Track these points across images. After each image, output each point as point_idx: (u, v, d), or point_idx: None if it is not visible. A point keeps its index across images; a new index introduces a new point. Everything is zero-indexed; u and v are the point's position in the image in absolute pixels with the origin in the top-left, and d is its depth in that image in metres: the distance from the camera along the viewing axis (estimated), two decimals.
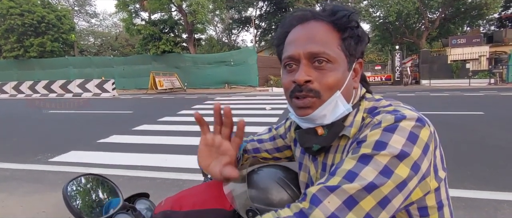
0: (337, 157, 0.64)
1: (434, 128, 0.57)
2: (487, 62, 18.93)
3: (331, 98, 0.61)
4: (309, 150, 0.67)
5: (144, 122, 6.64)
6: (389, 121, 0.54)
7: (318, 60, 0.60)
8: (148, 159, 3.86)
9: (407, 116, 0.54)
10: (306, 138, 0.66)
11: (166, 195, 0.84)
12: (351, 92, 0.65)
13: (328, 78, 0.60)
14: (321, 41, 0.61)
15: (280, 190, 0.74)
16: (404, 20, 23.81)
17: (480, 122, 5.94)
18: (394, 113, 0.56)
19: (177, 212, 0.76)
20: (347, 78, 0.63)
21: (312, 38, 0.61)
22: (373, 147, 0.52)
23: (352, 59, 0.64)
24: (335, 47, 0.61)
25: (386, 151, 0.50)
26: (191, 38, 22.51)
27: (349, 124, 0.64)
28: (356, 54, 0.64)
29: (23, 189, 2.92)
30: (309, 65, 0.61)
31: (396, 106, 0.60)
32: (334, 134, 0.63)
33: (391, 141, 0.51)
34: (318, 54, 0.60)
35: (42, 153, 4.21)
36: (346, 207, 0.48)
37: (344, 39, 0.62)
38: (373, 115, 0.61)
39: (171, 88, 18.81)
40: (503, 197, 2.47)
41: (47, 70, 22.50)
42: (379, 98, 0.67)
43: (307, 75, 0.60)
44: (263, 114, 7.77)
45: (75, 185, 0.77)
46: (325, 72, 0.61)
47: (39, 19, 22.73)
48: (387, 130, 0.53)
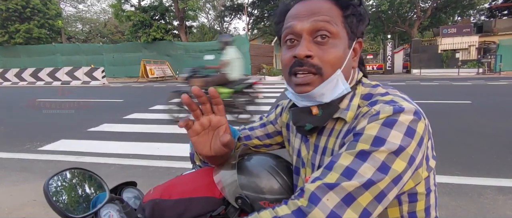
0: (331, 141, 0.63)
1: (427, 120, 0.57)
2: (476, 52, 19.22)
3: (332, 76, 0.60)
4: (301, 129, 0.67)
5: (135, 111, 6.57)
6: (387, 113, 0.53)
7: (321, 35, 0.59)
8: (140, 147, 3.84)
9: (406, 109, 0.54)
10: (300, 117, 0.66)
11: (159, 183, 0.84)
12: (350, 72, 0.64)
13: (330, 54, 0.59)
14: (324, 16, 0.59)
15: (270, 178, 0.75)
16: (396, 9, 23.83)
17: (467, 110, 6.08)
18: (392, 104, 0.55)
19: (167, 200, 0.75)
20: (347, 56, 0.62)
21: (315, 13, 0.60)
22: (371, 143, 0.51)
23: (353, 38, 0.63)
24: (337, 23, 0.60)
25: (384, 147, 0.50)
26: (183, 25, 22.08)
27: (345, 107, 0.63)
28: (357, 33, 0.63)
29: (12, 178, 2.88)
30: (310, 40, 0.60)
31: (394, 96, 0.59)
32: (328, 115, 0.63)
33: (389, 136, 0.51)
34: (321, 29, 0.59)
35: (30, 142, 4.14)
36: (344, 204, 0.48)
37: (346, 16, 0.61)
38: (370, 104, 0.59)
39: (162, 77, 18.56)
40: (486, 182, 2.56)
41: (34, 57, 21.83)
42: (375, 85, 0.66)
43: (308, 50, 0.59)
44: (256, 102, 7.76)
45: (57, 180, 0.73)
46: (327, 48, 0.59)
47: (23, 4, 21.90)
48: (385, 124, 0.52)
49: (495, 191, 2.40)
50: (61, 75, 16.69)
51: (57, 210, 0.66)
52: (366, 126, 0.54)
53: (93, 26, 35.43)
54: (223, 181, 0.76)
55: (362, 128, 0.54)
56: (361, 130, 0.54)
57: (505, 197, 2.31)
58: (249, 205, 0.72)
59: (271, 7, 25.50)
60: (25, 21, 22.53)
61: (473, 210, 2.13)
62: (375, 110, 0.56)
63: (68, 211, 0.67)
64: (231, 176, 0.75)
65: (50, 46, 22.54)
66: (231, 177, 0.75)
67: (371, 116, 0.55)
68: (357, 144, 0.52)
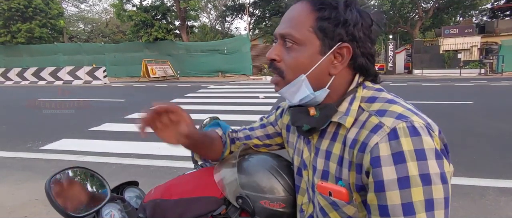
0: (336, 146, 0.62)
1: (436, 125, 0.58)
2: (478, 53, 19.15)
3: (295, 81, 0.62)
4: (300, 129, 0.68)
5: (137, 110, 6.57)
6: (408, 144, 0.52)
7: (287, 41, 0.62)
8: (142, 147, 3.84)
9: (427, 130, 0.54)
10: (298, 117, 0.67)
11: (160, 183, 0.84)
12: (324, 78, 0.62)
13: (291, 59, 0.62)
14: (291, 23, 0.62)
15: (271, 178, 0.75)
16: (398, 10, 23.80)
17: (469, 111, 6.06)
18: (406, 121, 0.54)
19: (167, 200, 0.75)
20: (317, 62, 0.60)
21: (288, 19, 0.63)
22: (422, 183, 0.51)
23: (329, 43, 0.60)
24: (305, 29, 0.60)
25: (439, 185, 0.51)
26: (184, 25, 22.10)
27: (344, 110, 0.62)
28: (336, 37, 0.59)
29: (14, 177, 2.89)
30: (282, 44, 0.64)
31: (403, 106, 0.58)
32: (325, 117, 0.63)
33: (430, 168, 0.51)
34: (286, 35, 0.62)
35: (32, 141, 4.16)
36: None
37: (319, 20, 0.59)
38: (377, 112, 0.58)
39: (163, 77, 18.57)
40: (488, 183, 2.55)
41: (36, 57, 21.90)
42: (379, 89, 0.64)
43: (274, 54, 0.64)
44: (257, 102, 7.76)
45: (59, 179, 0.73)
46: (291, 53, 0.62)
47: (26, 4, 21.97)
48: (418, 157, 0.51)
49: (497, 192, 2.39)
50: (63, 74, 16.73)
51: (59, 209, 0.66)
52: (389, 168, 0.52)
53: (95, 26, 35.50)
54: (223, 181, 0.76)
55: (379, 161, 0.53)
56: (378, 163, 0.53)
57: (507, 198, 2.30)
58: (250, 205, 0.72)
59: (272, 7, 25.49)
60: (27, 20, 22.60)
61: (474, 211, 2.13)
62: (387, 127, 0.54)
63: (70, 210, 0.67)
64: (232, 176, 0.75)
65: (52, 45, 22.61)
66: (231, 177, 0.75)
67: (389, 138, 0.53)
68: (411, 190, 0.51)
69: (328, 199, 0.63)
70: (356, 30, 0.60)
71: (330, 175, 0.63)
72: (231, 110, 6.57)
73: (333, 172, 0.63)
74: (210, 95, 9.53)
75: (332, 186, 0.62)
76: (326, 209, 0.65)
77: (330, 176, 0.64)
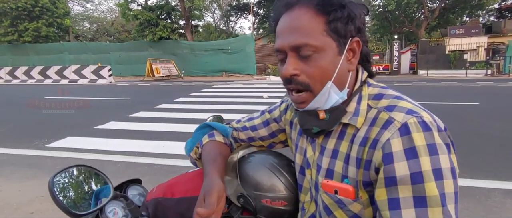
0: (344, 145, 0.62)
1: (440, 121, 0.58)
2: (485, 53, 18.91)
3: (323, 90, 0.60)
4: (308, 131, 0.67)
5: (141, 109, 6.62)
6: (421, 139, 0.53)
7: (301, 51, 0.59)
8: (146, 145, 3.87)
9: (436, 125, 0.55)
10: (307, 119, 0.65)
11: (164, 181, 0.84)
12: (345, 76, 0.62)
13: (314, 69, 0.59)
14: (304, 31, 0.58)
15: (271, 176, 0.75)
16: (403, 9, 23.56)
17: (475, 112, 5.99)
18: (417, 116, 0.55)
19: (169, 199, 0.76)
20: (338, 64, 0.60)
21: (296, 28, 0.59)
22: (436, 181, 0.51)
23: (343, 41, 0.60)
24: (319, 34, 0.58)
25: (450, 180, 0.52)
26: (189, 25, 22.17)
27: (353, 110, 0.62)
28: (348, 34, 0.60)
29: (20, 174, 2.93)
30: (296, 56, 0.60)
31: (411, 102, 0.59)
32: (335, 119, 0.62)
33: (442, 163, 0.52)
34: (301, 46, 0.58)
35: (39, 139, 4.21)
36: None
37: (329, 23, 0.58)
38: (387, 108, 0.58)
39: (168, 76, 18.65)
40: (494, 185, 2.52)
41: (42, 55, 22.14)
42: (384, 86, 0.65)
43: (293, 69, 0.59)
44: (261, 102, 7.76)
45: (62, 177, 0.73)
46: (312, 63, 0.59)
47: (32, 3, 22.22)
48: (431, 152, 0.52)
49: (503, 194, 2.36)
50: (69, 73, 16.89)
51: (62, 207, 0.66)
52: (404, 163, 0.52)
53: (100, 25, 35.78)
54: (224, 180, 0.76)
55: (398, 159, 0.53)
56: (395, 161, 0.53)
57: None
58: (251, 204, 0.72)
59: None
60: (34, 20, 22.87)
61: (480, 213, 2.11)
62: (398, 122, 0.55)
63: (73, 208, 0.67)
64: (233, 175, 0.75)
65: (58, 44, 22.84)
66: (232, 176, 0.75)
67: (401, 135, 0.54)
68: (425, 185, 0.51)
69: (333, 197, 0.63)
70: (360, 23, 0.61)
71: (336, 173, 0.63)
72: (235, 109, 6.57)
73: (339, 170, 0.63)
74: (214, 95, 9.55)
75: (338, 184, 0.62)
76: (331, 208, 0.65)
77: (335, 174, 0.64)
